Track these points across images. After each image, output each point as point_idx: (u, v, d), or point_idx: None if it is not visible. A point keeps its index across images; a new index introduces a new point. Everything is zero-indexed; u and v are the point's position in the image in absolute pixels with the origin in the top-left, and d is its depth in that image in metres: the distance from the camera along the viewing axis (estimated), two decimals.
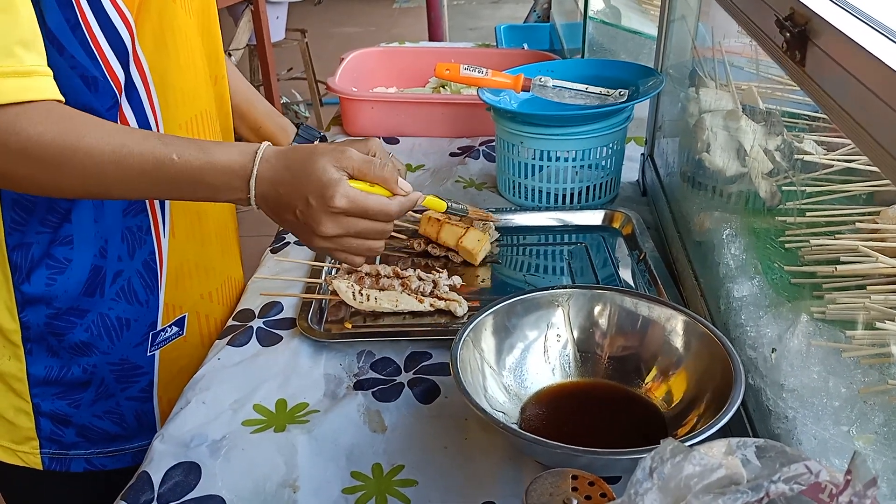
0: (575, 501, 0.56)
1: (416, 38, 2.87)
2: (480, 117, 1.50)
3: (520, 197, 1.27)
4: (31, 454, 0.93)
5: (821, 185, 0.83)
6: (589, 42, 1.80)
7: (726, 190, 0.98)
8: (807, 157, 0.84)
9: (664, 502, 0.41)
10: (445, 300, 0.99)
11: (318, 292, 1.03)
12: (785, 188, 0.87)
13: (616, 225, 1.19)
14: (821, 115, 0.81)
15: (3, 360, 0.88)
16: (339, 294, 0.98)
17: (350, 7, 7.15)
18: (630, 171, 1.34)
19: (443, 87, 1.75)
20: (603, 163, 1.24)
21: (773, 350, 0.73)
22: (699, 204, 1.04)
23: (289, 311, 1.01)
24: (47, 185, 0.75)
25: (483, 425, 0.79)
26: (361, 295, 0.98)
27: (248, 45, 3.67)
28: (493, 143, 1.42)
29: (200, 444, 0.79)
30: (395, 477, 0.75)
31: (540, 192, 1.25)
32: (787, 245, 0.84)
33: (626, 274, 1.07)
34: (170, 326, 0.96)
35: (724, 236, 0.91)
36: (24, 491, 0.97)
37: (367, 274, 1.02)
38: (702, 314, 0.88)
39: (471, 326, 0.80)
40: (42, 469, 0.94)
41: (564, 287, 0.87)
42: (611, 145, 1.22)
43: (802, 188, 0.83)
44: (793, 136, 0.86)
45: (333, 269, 1.06)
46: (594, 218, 1.20)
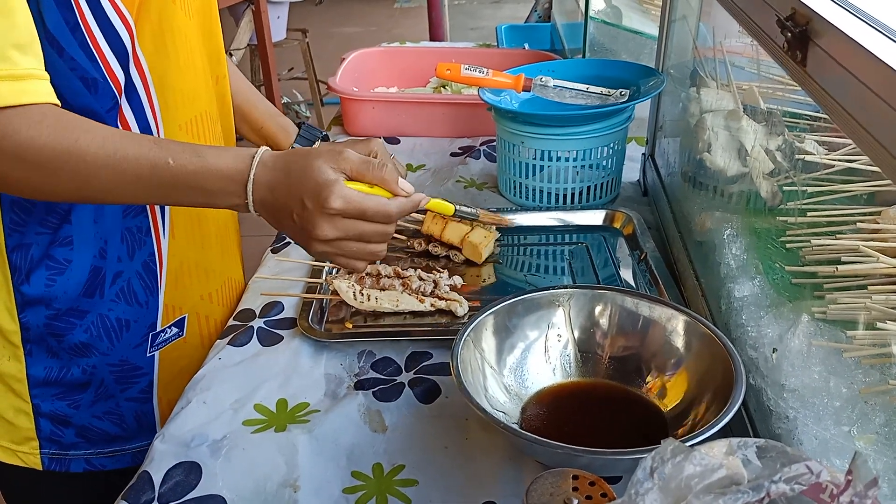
0: (575, 501, 0.56)
1: (417, 38, 2.88)
2: (481, 117, 1.50)
3: (520, 197, 1.27)
4: (30, 454, 0.93)
5: (822, 185, 0.83)
6: (590, 42, 1.80)
7: (727, 190, 0.98)
8: (808, 157, 0.84)
9: (665, 502, 0.41)
10: (446, 300, 0.99)
11: (319, 292, 1.03)
12: (786, 188, 0.87)
13: (617, 225, 1.19)
14: (822, 115, 0.81)
15: (2, 361, 0.88)
16: (339, 294, 0.98)
17: (351, 7, 7.15)
18: (631, 171, 1.34)
19: (444, 87, 1.75)
20: (604, 163, 1.24)
21: (774, 350, 0.73)
22: (700, 204, 1.04)
23: (289, 311, 1.01)
24: (43, 189, 0.74)
25: (484, 425, 0.79)
26: (362, 295, 0.98)
27: (249, 44, 3.68)
28: (494, 143, 1.42)
29: (201, 443, 0.79)
30: (396, 477, 0.75)
31: (541, 192, 1.24)
32: (788, 245, 0.84)
33: (626, 274, 1.07)
34: (169, 327, 0.96)
35: (725, 236, 0.91)
36: (23, 491, 0.97)
37: (367, 274, 1.02)
38: (703, 314, 0.88)
39: (471, 326, 0.80)
40: (42, 469, 0.94)
41: (565, 287, 0.87)
42: (612, 145, 1.22)
43: (803, 188, 0.83)
44: (794, 136, 0.86)
45: (334, 269, 1.06)
46: (595, 218, 1.20)
